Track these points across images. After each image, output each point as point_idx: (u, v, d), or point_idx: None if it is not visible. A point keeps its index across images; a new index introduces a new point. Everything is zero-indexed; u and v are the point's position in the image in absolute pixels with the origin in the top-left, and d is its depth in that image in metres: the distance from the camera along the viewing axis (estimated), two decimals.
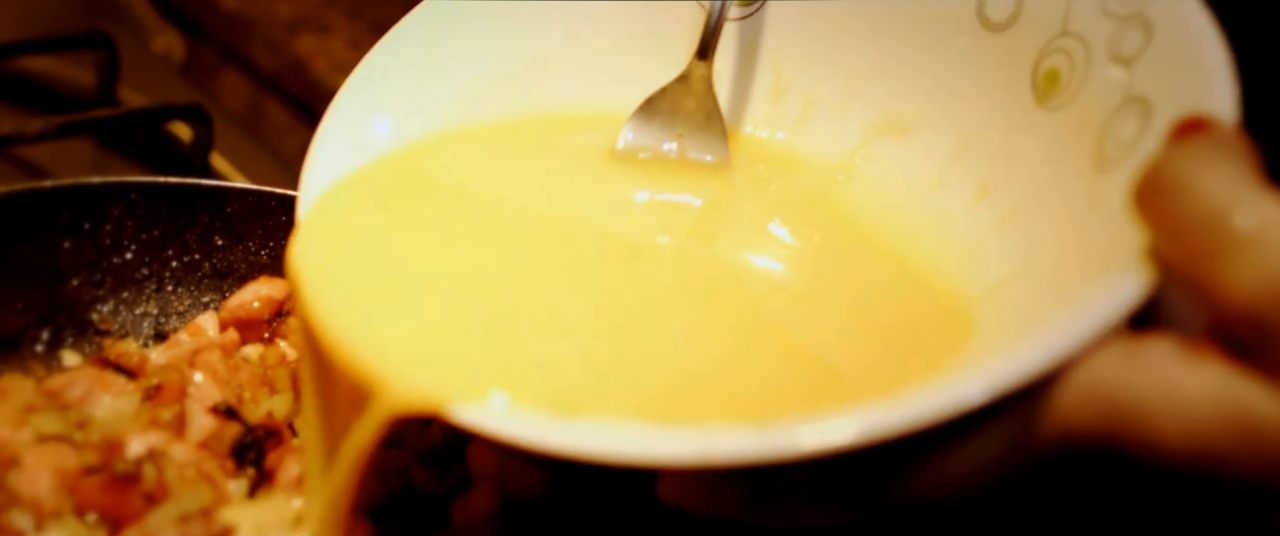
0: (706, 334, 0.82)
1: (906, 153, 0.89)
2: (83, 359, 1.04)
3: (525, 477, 0.91)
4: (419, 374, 0.72)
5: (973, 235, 0.82)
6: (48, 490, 0.87)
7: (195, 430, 0.94)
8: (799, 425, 0.61)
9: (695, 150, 0.91)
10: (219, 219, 1.07)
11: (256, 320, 1.04)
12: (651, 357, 0.79)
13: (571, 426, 0.66)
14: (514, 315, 0.81)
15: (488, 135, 0.94)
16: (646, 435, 0.65)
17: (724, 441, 0.62)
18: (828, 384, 0.78)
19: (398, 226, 0.86)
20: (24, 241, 1.00)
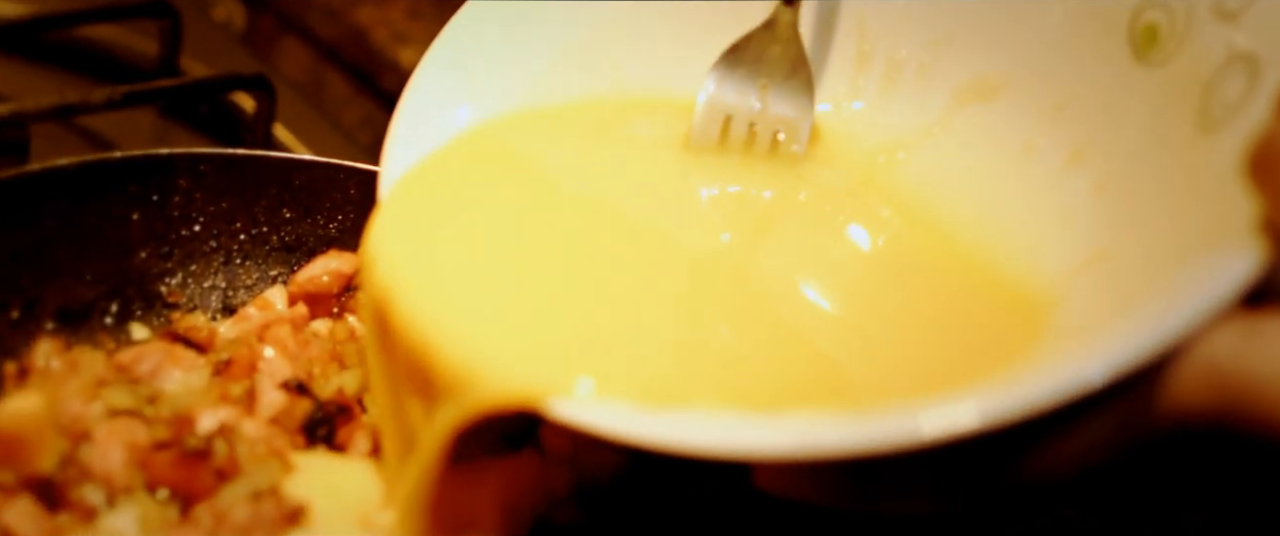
0: (785, 324, 0.80)
1: (992, 119, 0.85)
2: (151, 332, 1.03)
3: (600, 459, 0.89)
4: (513, 368, 0.70)
5: (1062, 204, 0.79)
6: (119, 465, 0.86)
7: (266, 406, 0.93)
8: (915, 412, 0.59)
9: (779, 103, 0.88)
10: (287, 191, 1.06)
11: (325, 295, 1.03)
12: (735, 348, 0.77)
13: (670, 420, 0.65)
14: (596, 306, 0.79)
15: (564, 118, 0.92)
16: (747, 427, 0.63)
17: (828, 431, 0.60)
18: (913, 371, 0.76)
19: (476, 213, 0.85)
20: (93, 213, 0.99)
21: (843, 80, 0.91)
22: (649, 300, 0.81)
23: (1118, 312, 0.64)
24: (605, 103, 0.93)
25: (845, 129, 0.91)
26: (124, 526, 0.82)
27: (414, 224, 0.80)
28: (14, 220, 0.95)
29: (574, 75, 0.91)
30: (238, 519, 0.82)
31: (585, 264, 0.83)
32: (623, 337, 0.76)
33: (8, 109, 1.20)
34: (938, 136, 0.88)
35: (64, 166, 0.97)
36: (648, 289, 0.81)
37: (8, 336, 0.96)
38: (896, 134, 0.89)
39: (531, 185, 0.88)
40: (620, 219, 0.87)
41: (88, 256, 1.00)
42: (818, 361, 0.78)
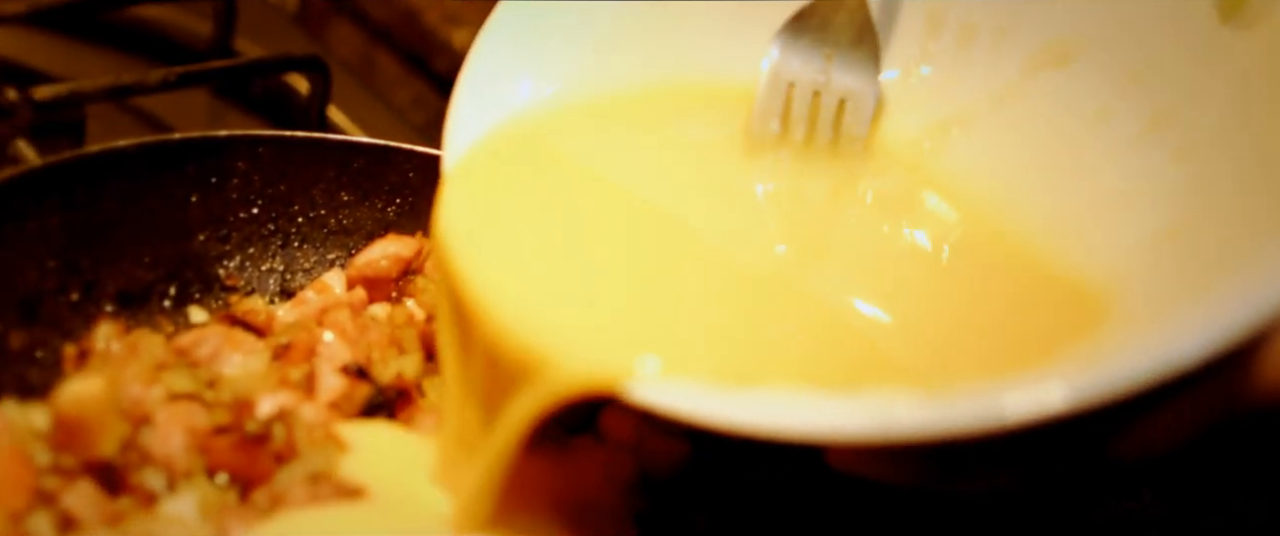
0: (848, 313, 0.79)
1: (1065, 85, 0.83)
2: (209, 315, 1.03)
3: (664, 447, 0.88)
4: (589, 353, 0.69)
5: (1136, 175, 0.76)
6: (180, 450, 0.86)
7: (325, 390, 0.93)
8: (1001, 392, 0.57)
9: (844, 72, 0.87)
10: (345, 174, 1.05)
11: (384, 279, 1.02)
12: (801, 336, 0.76)
13: (749, 401, 0.63)
14: (663, 294, 0.79)
15: (623, 108, 0.91)
16: (826, 408, 0.62)
17: (910, 412, 0.59)
18: (986, 350, 0.74)
19: (538, 203, 0.84)
20: (151, 195, 0.99)
21: (912, 45, 0.88)
22: (714, 290, 0.80)
23: (1204, 289, 0.62)
24: (664, 87, 0.91)
25: (911, 97, 0.89)
26: (183, 511, 0.81)
27: (481, 211, 0.79)
28: (74, 202, 0.95)
29: (634, 49, 0.89)
30: (295, 501, 0.81)
31: (649, 254, 0.82)
32: (691, 324, 0.75)
33: (65, 89, 1.20)
34: (1006, 105, 0.85)
35: (123, 148, 0.97)
36: (712, 279, 0.80)
37: (67, 319, 0.95)
38: (964, 102, 0.87)
39: (593, 178, 0.86)
40: (681, 210, 0.85)
41: (146, 239, 0.99)
42: (886, 348, 0.76)
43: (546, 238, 0.80)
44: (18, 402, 0.90)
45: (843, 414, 0.61)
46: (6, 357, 0.91)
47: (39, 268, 0.94)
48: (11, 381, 0.91)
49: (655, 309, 0.75)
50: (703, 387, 0.65)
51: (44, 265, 0.94)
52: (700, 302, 0.78)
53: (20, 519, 0.80)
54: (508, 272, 0.75)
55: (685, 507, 0.88)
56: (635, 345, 0.71)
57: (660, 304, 0.76)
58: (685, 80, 0.92)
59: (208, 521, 0.80)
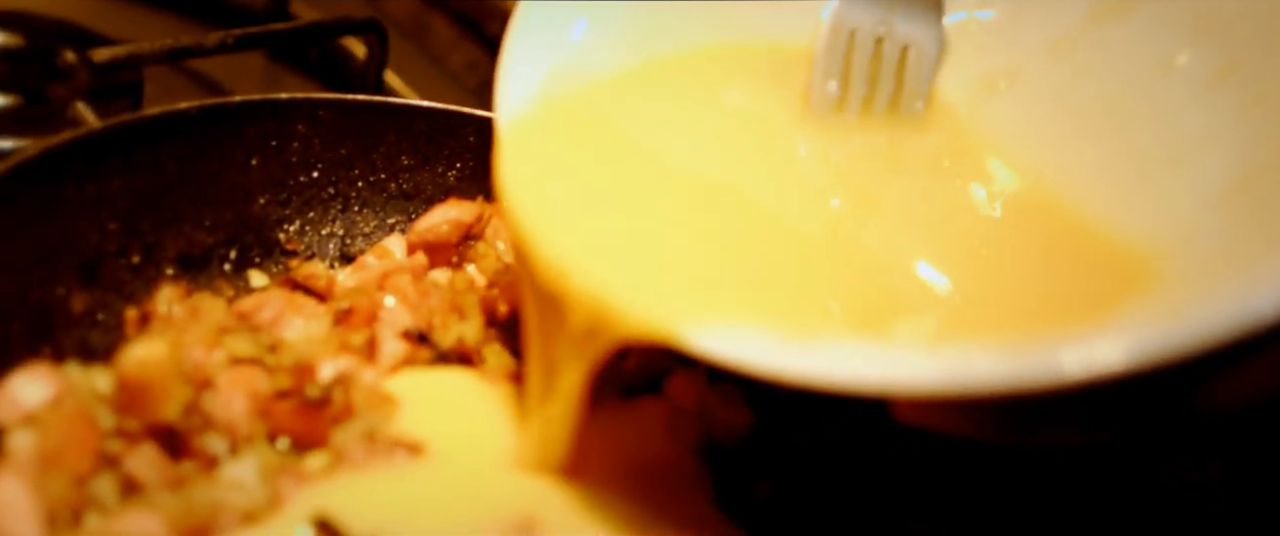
0: (908, 262, 0.77)
1: (1128, 34, 0.80)
2: (269, 279, 1.02)
3: (729, 416, 0.87)
4: (650, 300, 0.68)
5: (1199, 129, 0.74)
6: (242, 414, 0.85)
7: (386, 355, 0.92)
8: (1085, 343, 0.56)
9: (907, 19, 0.85)
10: (406, 138, 1.04)
11: (445, 244, 1.01)
12: (863, 285, 0.74)
13: (811, 350, 0.62)
14: (724, 247, 0.77)
15: (681, 59, 0.89)
16: (899, 359, 0.61)
17: (992, 363, 0.57)
18: (1045, 307, 0.72)
19: (598, 150, 0.83)
20: (212, 158, 0.98)
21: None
22: (773, 244, 0.78)
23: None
24: (720, 48, 0.90)
25: (970, 43, 0.87)
26: (244, 475, 0.81)
27: (536, 160, 0.79)
28: (134, 164, 0.94)
29: (689, 9, 0.87)
30: (353, 459, 0.80)
31: (707, 208, 0.81)
32: (752, 276, 0.74)
33: (123, 52, 1.20)
34: (1065, 55, 0.83)
35: (183, 110, 0.96)
36: (770, 234, 0.79)
37: (128, 282, 0.95)
38: (1022, 51, 0.85)
39: (649, 136, 0.85)
40: (738, 167, 0.84)
41: (207, 202, 0.99)
42: (945, 302, 0.75)
43: (605, 190, 0.79)
44: (80, 365, 0.89)
45: (918, 365, 0.59)
46: (68, 320, 0.91)
47: (100, 230, 0.94)
48: (73, 344, 0.91)
49: (715, 260, 0.75)
50: (768, 338, 0.63)
51: (104, 228, 0.94)
52: (759, 256, 0.77)
53: (84, 482, 0.80)
54: (568, 223, 0.74)
55: (748, 474, 0.87)
56: (697, 294, 0.70)
57: (720, 256, 0.75)
58: (741, 42, 0.90)
59: (267, 485, 0.79)
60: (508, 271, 0.98)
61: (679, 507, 0.82)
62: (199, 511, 0.77)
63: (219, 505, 0.77)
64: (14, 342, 0.87)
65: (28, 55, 1.27)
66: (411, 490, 0.79)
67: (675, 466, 0.85)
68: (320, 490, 0.79)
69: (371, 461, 0.81)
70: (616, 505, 0.80)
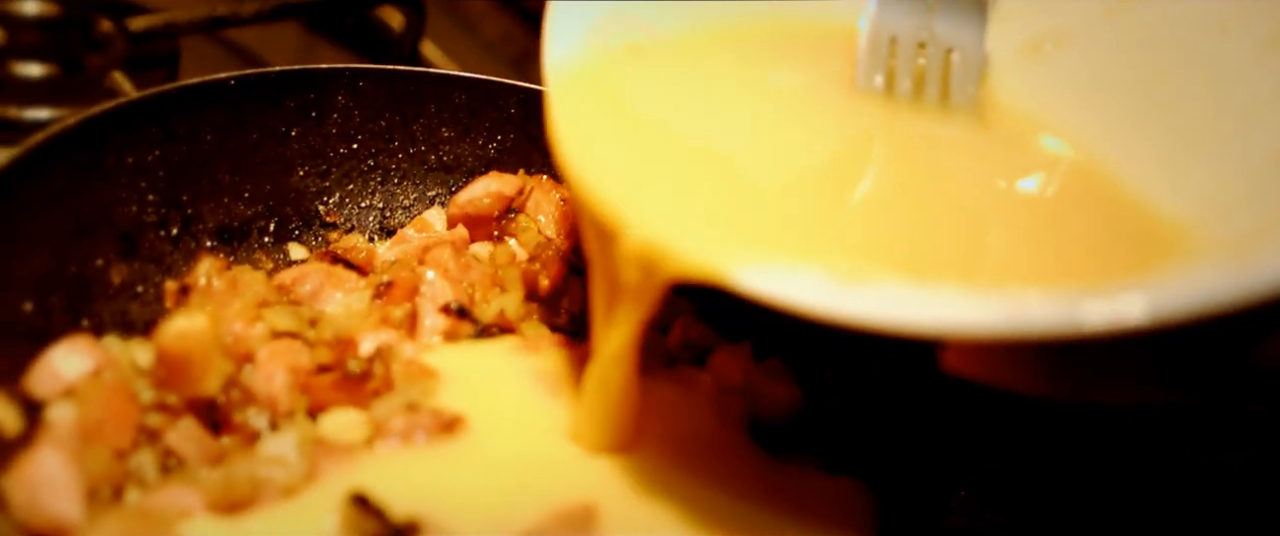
0: (957, 218, 0.75)
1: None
2: (308, 251, 1.01)
3: (776, 393, 0.86)
4: (701, 239, 0.68)
5: (1251, 93, 0.72)
6: (282, 388, 0.84)
7: (427, 329, 0.91)
8: (1151, 288, 0.54)
9: (948, 22, 0.83)
10: (447, 110, 1.03)
11: (485, 217, 1.00)
12: (917, 236, 0.73)
13: (861, 292, 0.61)
14: (773, 189, 0.76)
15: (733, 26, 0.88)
16: (954, 300, 0.59)
17: (1049, 306, 0.56)
18: (1095, 263, 0.70)
19: (648, 97, 0.82)
20: (251, 129, 0.97)
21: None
22: (822, 194, 0.77)
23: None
24: (769, 25, 0.88)
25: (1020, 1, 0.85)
26: (284, 450, 0.80)
27: (586, 109, 0.78)
28: (173, 135, 0.93)
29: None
30: (395, 429, 0.79)
31: (757, 161, 0.79)
32: (801, 221, 0.72)
33: (159, 21, 1.19)
34: (1115, 18, 0.81)
35: (222, 80, 0.95)
36: (820, 185, 0.77)
37: (167, 254, 0.94)
38: (1072, 12, 0.83)
39: (697, 93, 0.84)
40: (788, 125, 0.82)
41: (246, 173, 0.98)
42: (993, 253, 0.73)
43: (656, 137, 0.78)
44: (120, 339, 0.89)
45: (973, 307, 0.58)
46: (107, 293, 0.90)
47: (138, 202, 0.93)
48: (112, 317, 0.90)
49: (765, 206, 0.74)
50: (819, 279, 0.62)
51: (143, 199, 0.93)
52: (807, 204, 0.75)
53: (124, 456, 0.79)
54: (621, 167, 0.73)
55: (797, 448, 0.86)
56: (745, 233, 0.69)
57: (769, 202, 0.74)
58: (790, 19, 0.89)
59: (307, 460, 0.78)
60: (549, 245, 0.97)
61: (730, 483, 0.80)
62: (239, 486, 0.76)
63: (259, 480, 0.76)
64: (53, 315, 0.86)
65: (64, 24, 1.27)
66: (455, 469, 0.78)
67: (724, 442, 0.83)
68: (359, 466, 0.78)
69: (412, 437, 0.79)
70: (670, 487, 0.78)
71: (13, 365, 0.83)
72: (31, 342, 0.84)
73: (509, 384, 0.86)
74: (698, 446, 0.82)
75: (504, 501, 0.76)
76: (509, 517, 0.74)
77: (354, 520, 0.73)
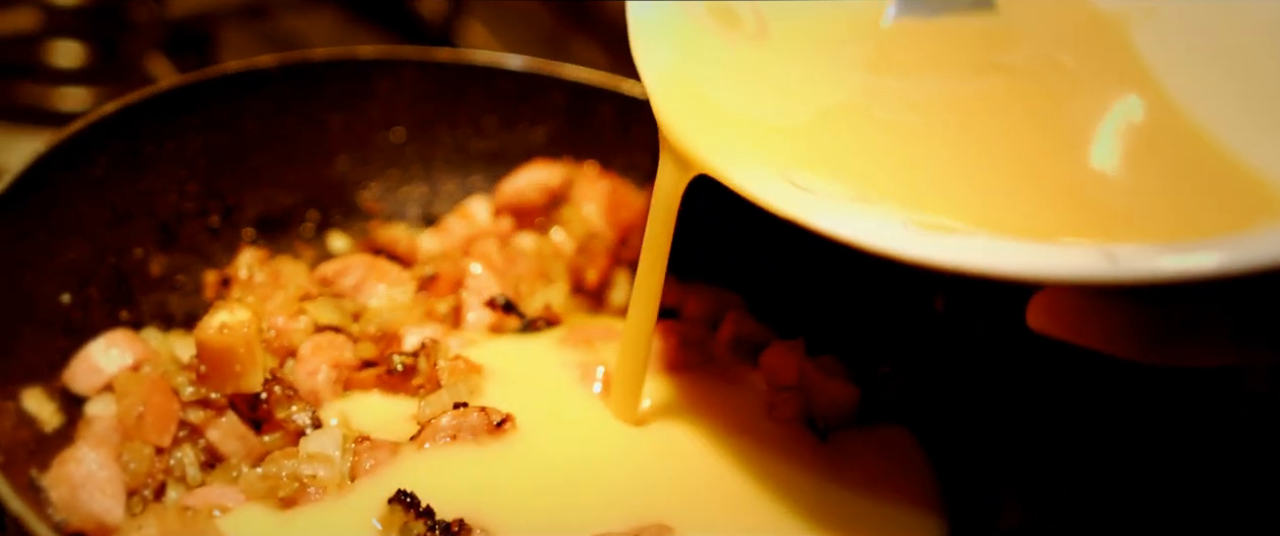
0: (1037, 161, 0.73)
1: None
2: (349, 242, 0.99)
3: (832, 391, 0.83)
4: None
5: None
6: (326, 383, 0.83)
7: (472, 324, 0.89)
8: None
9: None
10: (491, 98, 1.01)
11: (531, 207, 0.98)
12: (995, 178, 0.70)
13: (940, 238, 0.60)
14: (850, 132, 0.73)
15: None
16: (1046, 250, 0.58)
17: (1143, 255, 0.55)
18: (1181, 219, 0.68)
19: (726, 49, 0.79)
20: (292, 116, 0.96)
21: None
22: (901, 130, 0.74)
23: None
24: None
25: None
26: (327, 448, 0.78)
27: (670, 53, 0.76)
28: (214, 122, 0.91)
29: None
30: (442, 428, 0.77)
31: (834, 94, 0.77)
32: (884, 155, 0.71)
33: (197, 4, 1.17)
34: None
35: (264, 67, 0.93)
36: (896, 122, 0.75)
37: (207, 244, 0.93)
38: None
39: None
40: (851, 61, 0.79)
41: (287, 162, 0.96)
42: (1079, 199, 0.70)
43: (739, 72, 0.76)
44: (159, 332, 0.87)
45: (1062, 254, 0.57)
46: (147, 284, 0.89)
47: (178, 190, 0.91)
48: (152, 309, 0.89)
49: (849, 142, 0.72)
50: (900, 221, 0.61)
51: (183, 188, 0.91)
52: (887, 140, 0.73)
53: (165, 453, 0.77)
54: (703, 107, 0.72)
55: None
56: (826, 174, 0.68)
57: (851, 137, 0.72)
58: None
59: (350, 458, 0.76)
60: (595, 236, 0.95)
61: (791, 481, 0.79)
62: (282, 484, 0.74)
63: (302, 478, 0.74)
64: (91, 307, 0.84)
65: (100, 6, 1.25)
66: (504, 469, 0.76)
67: (779, 440, 0.81)
68: (405, 465, 0.76)
69: (460, 436, 0.77)
70: (731, 494, 0.76)
71: (51, 360, 0.81)
72: (69, 336, 0.82)
73: (557, 381, 0.84)
74: (755, 446, 0.80)
75: (557, 504, 0.74)
76: (564, 523, 0.72)
77: (399, 518, 0.71)
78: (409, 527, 0.71)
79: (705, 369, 0.87)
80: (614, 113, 0.99)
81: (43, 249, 0.81)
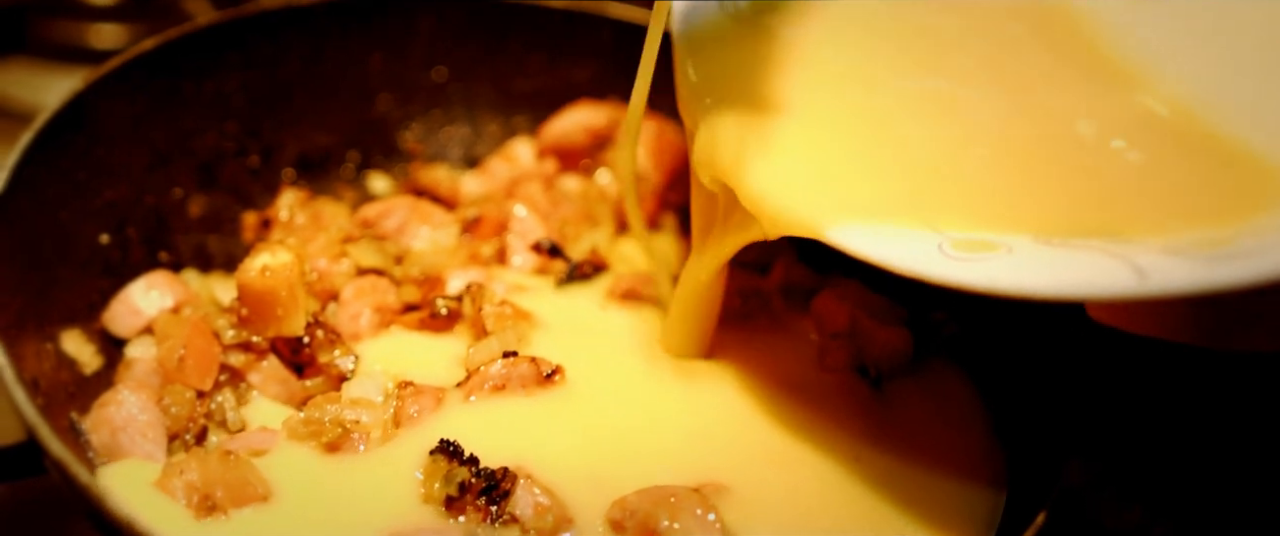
0: (1072, 157, 0.71)
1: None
2: (390, 183, 0.97)
3: (885, 337, 0.81)
4: (801, 196, 0.67)
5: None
6: (368, 328, 0.81)
7: (516, 267, 0.87)
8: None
9: None
10: (536, 37, 0.99)
11: (576, 150, 0.96)
12: (1026, 177, 0.68)
13: (972, 260, 0.59)
14: (883, 143, 0.72)
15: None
16: (1076, 264, 0.58)
17: (1177, 268, 0.54)
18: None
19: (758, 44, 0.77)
20: (333, 54, 0.94)
21: None
22: (938, 133, 0.72)
23: None
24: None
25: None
26: (369, 392, 0.76)
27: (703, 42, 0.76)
28: (254, 60, 0.89)
29: None
30: (493, 375, 0.75)
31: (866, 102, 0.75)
32: (915, 168, 0.69)
33: None
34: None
35: (304, 4, 0.92)
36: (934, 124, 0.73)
37: (246, 184, 0.91)
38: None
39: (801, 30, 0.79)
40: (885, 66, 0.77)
41: (328, 101, 0.95)
42: (1107, 192, 0.68)
43: (767, 84, 0.75)
44: (199, 273, 0.85)
45: (1089, 272, 0.57)
46: (186, 225, 0.87)
47: (218, 130, 0.90)
48: (190, 250, 0.87)
49: (881, 152, 0.71)
50: (914, 234, 0.61)
51: (222, 128, 0.90)
52: (925, 142, 0.72)
53: (207, 396, 0.76)
54: (732, 115, 0.72)
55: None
56: (848, 190, 0.68)
57: (885, 147, 0.71)
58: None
59: (392, 403, 0.75)
60: (643, 178, 0.93)
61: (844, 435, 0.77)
62: (324, 430, 0.73)
63: (345, 423, 0.73)
64: (130, 248, 0.83)
65: None
66: (552, 421, 0.74)
67: (833, 389, 0.79)
68: (450, 413, 0.74)
69: (508, 386, 0.75)
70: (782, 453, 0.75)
71: (89, 301, 0.80)
72: (108, 276, 0.81)
73: (605, 328, 0.82)
74: (808, 399, 0.78)
75: (606, 457, 0.72)
76: (614, 475, 0.70)
77: (441, 468, 0.69)
78: (453, 476, 0.69)
79: (756, 319, 0.85)
80: (661, 52, 0.96)
81: (81, 188, 0.80)
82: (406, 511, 0.68)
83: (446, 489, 0.68)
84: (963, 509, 0.74)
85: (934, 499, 0.74)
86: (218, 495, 0.67)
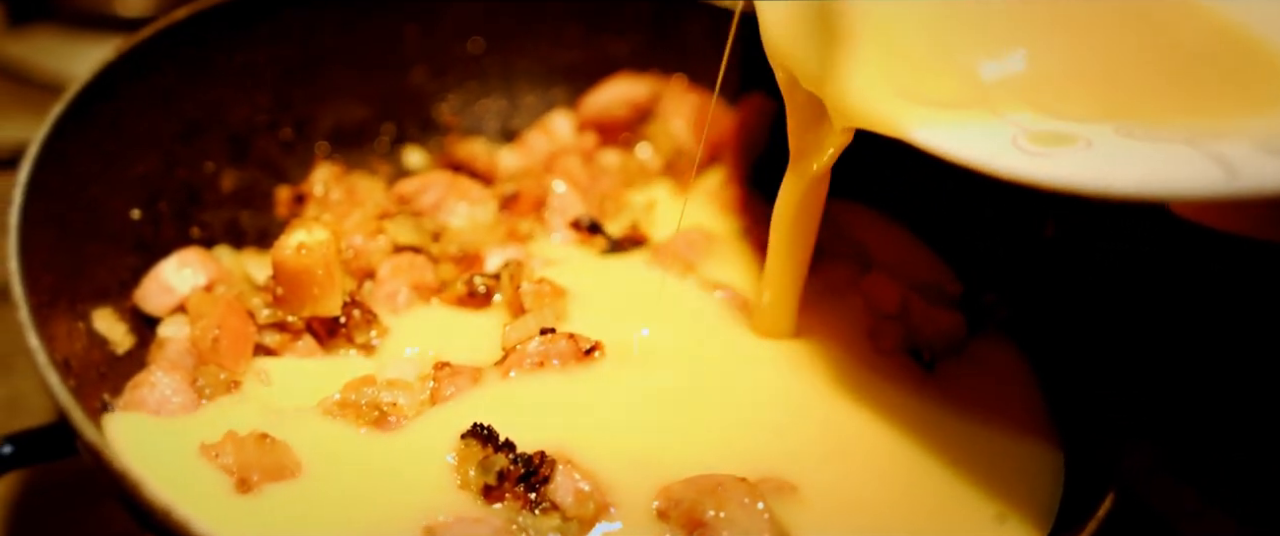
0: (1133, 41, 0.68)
1: None
2: (426, 156, 0.95)
3: (936, 319, 0.79)
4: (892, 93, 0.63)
5: None
6: (406, 306, 0.79)
7: (555, 244, 0.85)
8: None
9: None
10: (574, 6, 0.96)
11: (616, 123, 0.93)
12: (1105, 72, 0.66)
13: (1050, 155, 0.56)
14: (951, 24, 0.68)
15: None
16: (1159, 158, 0.55)
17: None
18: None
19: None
20: (366, 25, 0.91)
21: None
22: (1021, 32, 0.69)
23: None
24: None
25: None
26: (406, 373, 0.75)
27: None
28: (286, 32, 0.87)
29: None
30: (531, 352, 0.73)
31: None
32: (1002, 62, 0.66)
33: None
34: None
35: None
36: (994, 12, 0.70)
37: (279, 158, 0.89)
38: None
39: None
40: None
41: (361, 73, 0.92)
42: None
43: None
44: (231, 250, 0.83)
45: (1176, 169, 0.54)
46: (218, 200, 0.85)
47: (249, 103, 0.88)
48: (222, 226, 0.85)
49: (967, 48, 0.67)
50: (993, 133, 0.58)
51: (254, 100, 0.88)
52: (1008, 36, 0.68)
53: (240, 377, 0.74)
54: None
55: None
56: (936, 89, 0.64)
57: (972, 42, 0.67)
58: None
59: (428, 383, 0.73)
60: (683, 153, 0.90)
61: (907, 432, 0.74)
62: (361, 412, 0.71)
63: (381, 405, 0.71)
64: (161, 223, 0.81)
65: None
66: (592, 400, 0.72)
67: (890, 377, 0.77)
68: (487, 393, 0.72)
69: (546, 364, 0.73)
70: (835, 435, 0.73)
71: (121, 278, 0.78)
72: (140, 253, 0.79)
73: (646, 304, 0.80)
74: (863, 385, 0.76)
75: (650, 440, 0.70)
76: (658, 460, 0.68)
77: (475, 453, 0.67)
78: (490, 464, 0.67)
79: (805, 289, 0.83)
80: (703, 24, 0.93)
81: (111, 161, 0.78)
82: (445, 499, 0.66)
83: (484, 477, 0.66)
84: (1025, 496, 0.71)
85: (994, 488, 0.71)
86: (253, 478, 0.65)
